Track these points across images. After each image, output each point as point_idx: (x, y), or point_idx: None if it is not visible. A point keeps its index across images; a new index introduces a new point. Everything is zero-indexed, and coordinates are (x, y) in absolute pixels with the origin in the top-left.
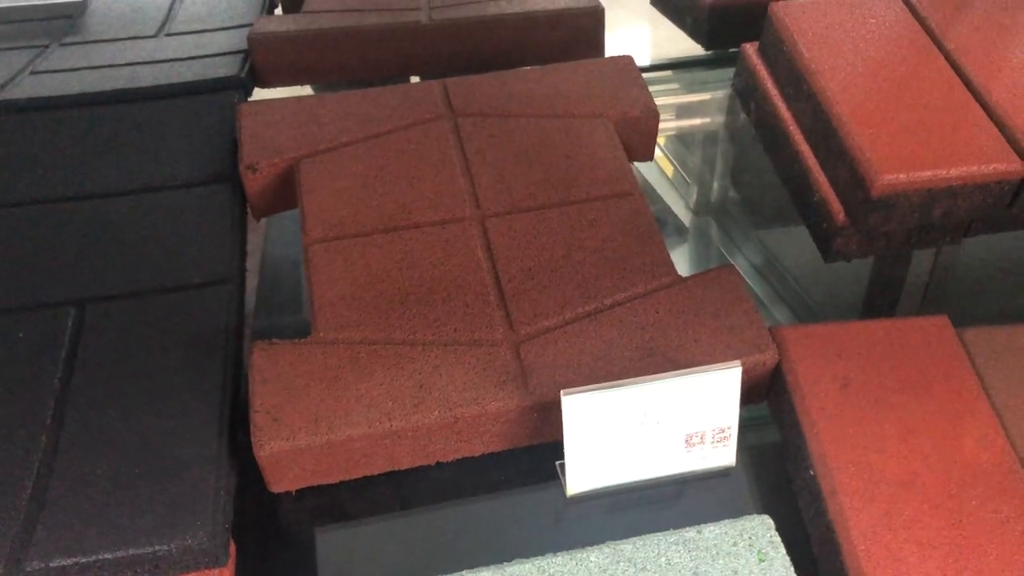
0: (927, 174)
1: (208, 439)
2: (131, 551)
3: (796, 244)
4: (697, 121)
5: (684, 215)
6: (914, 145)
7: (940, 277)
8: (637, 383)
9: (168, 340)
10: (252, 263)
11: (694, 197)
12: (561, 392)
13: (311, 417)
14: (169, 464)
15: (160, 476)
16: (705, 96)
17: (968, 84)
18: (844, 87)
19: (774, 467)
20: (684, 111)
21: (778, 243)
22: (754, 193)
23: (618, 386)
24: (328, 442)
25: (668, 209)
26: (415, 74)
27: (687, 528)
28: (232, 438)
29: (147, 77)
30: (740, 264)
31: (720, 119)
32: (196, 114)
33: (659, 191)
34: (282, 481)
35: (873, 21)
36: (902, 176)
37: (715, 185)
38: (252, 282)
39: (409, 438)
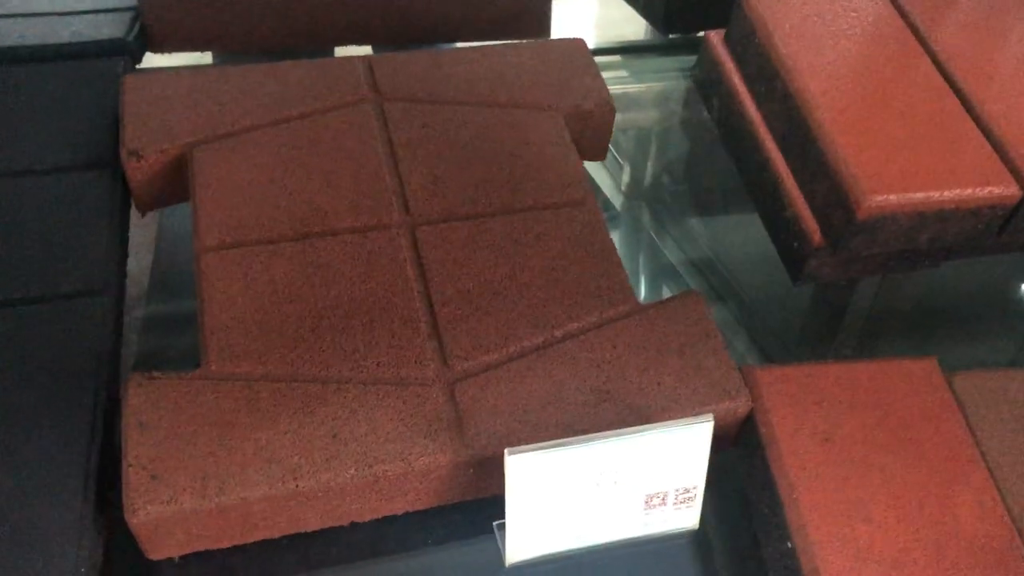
0: (919, 196)
1: (71, 498)
2: None
3: (733, 238)
4: (646, 113)
5: (616, 199)
6: (904, 162)
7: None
8: (594, 440)
9: (25, 366)
10: (143, 261)
11: (625, 179)
12: (505, 451)
13: (198, 474)
14: (20, 530)
15: (8, 546)
16: (658, 86)
17: (959, 93)
18: (825, 90)
19: (738, 524)
20: (633, 102)
21: (714, 236)
22: (703, 194)
23: (572, 444)
24: (219, 506)
25: (598, 190)
26: (334, 44)
27: None
28: (101, 494)
29: (14, 34)
30: (672, 254)
31: (671, 112)
32: (71, 83)
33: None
34: (161, 548)
35: (855, 15)
36: (892, 197)
37: (655, 181)
38: (141, 285)
39: (319, 499)
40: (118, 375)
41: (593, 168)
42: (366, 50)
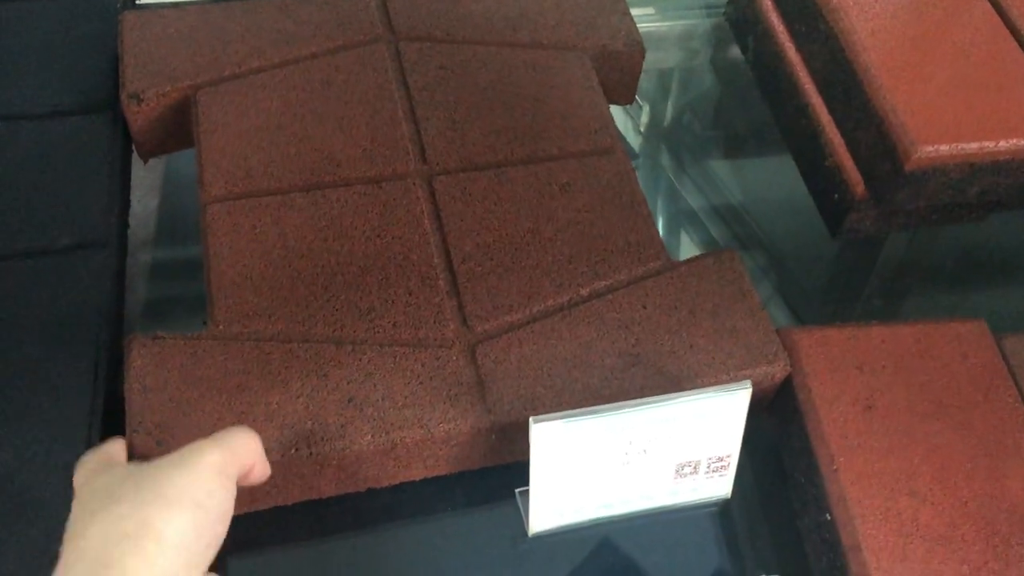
0: (972, 146)
1: (70, 465)
2: None
3: (758, 184)
4: (672, 53)
5: (634, 140)
6: (956, 110)
7: (918, 251)
8: (624, 409)
9: (22, 324)
10: (150, 204)
11: (645, 120)
12: (530, 419)
13: None
14: (20, 498)
15: (8, 514)
16: (684, 24)
17: (1017, 35)
18: (872, 30)
19: (772, 491)
20: (658, 40)
21: (739, 182)
22: (735, 141)
23: (601, 413)
24: None
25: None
26: None
27: None
28: None
29: None
30: (693, 199)
31: (698, 52)
32: (66, 20)
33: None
34: None
35: None
36: (943, 148)
37: (684, 126)
38: (148, 228)
39: (334, 466)
40: (120, 332)
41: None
42: None
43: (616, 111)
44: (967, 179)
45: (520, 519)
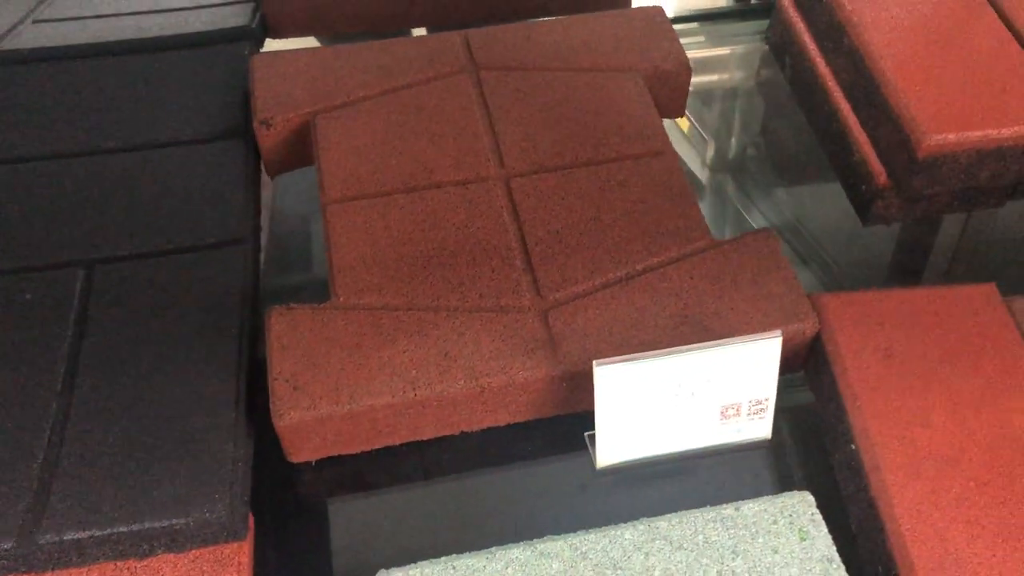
0: (976, 134)
1: (225, 407)
2: (147, 524)
3: (819, 205)
4: (722, 76)
5: (701, 172)
6: (963, 104)
7: (969, 242)
8: (673, 353)
9: (181, 303)
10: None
11: (711, 153)
12: (593, 362)
13: (332, 386)
14: (184, 433)
15: (176, 446)
16: (732, 50)
17: (1020, 38)
18: (888, 42)
19: (808, 438)
20: (709, 66)
21: (800, 203)
22: (778, 152)
23: (653, 357)
24: (350, 412)
25: (684, 166)
26: (433, 24)
27: (725, 505)
28: (249, 406)
29: (154, 27)
30: (758, 223)
31: (746, 74)
32: (206, 66)
33: (675, 147)
34: (301, 451)
35: None
36: (950, 136)
37: (733, 142)
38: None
39: (434, 408)
40: (257, 308)
41: (679, 144)
42: None
43: (683, 145)
44: (976, 164)
45: (589, 460)
